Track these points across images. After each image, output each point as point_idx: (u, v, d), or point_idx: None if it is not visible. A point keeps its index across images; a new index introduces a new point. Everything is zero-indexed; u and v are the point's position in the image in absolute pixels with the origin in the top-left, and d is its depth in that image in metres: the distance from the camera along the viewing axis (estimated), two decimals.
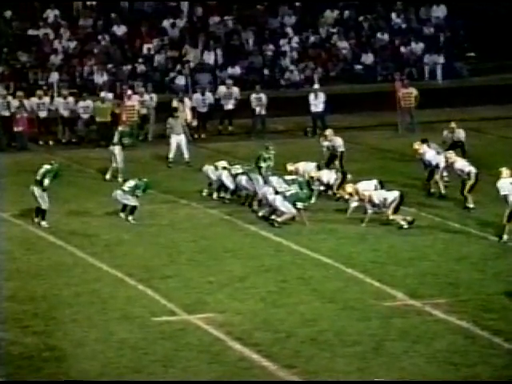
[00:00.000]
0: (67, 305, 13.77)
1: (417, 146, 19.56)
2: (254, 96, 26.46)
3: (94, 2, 31.06)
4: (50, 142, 25.67)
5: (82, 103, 25.84)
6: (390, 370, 11.54)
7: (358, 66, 30.80)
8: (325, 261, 15.55)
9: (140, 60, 29.72)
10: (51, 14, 30.55)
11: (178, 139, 22.71)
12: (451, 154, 18.74)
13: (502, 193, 16.10)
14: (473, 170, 18.15)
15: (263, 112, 26.33)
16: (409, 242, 16.50)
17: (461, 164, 18.33)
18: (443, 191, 19.06)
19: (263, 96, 26.47)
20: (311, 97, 26.23)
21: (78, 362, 11.90)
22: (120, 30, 30.58)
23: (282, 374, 11.56)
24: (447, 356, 11.88)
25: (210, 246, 16.45)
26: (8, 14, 30.26)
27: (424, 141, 19.76)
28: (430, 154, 19.30)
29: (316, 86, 27.07)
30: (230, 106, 26.72)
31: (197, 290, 14.32)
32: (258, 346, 12.20)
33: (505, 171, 16.26)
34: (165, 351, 12.15)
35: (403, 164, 21.88)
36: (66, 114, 25.80)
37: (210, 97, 26.76)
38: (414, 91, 26.23)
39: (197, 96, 26.82)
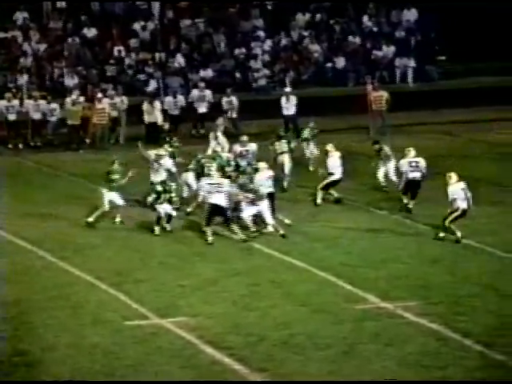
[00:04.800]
0: (38, 309, 13.71)
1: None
2: (225, 99, 26.52)
3: (63, 4, 30.90)
4: (20, 145, 25.52)
5: (49, 106, 25.72)
6: (362, 373, 11.61)
7: (330, 69, 30.94)
8: (297, 264, 15.61)
9: (111, 62, 29.63)
10: (20, 16, 30.37)
11: None
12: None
13: (452, 197, 16.36)
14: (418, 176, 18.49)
15: (235, 115, 26.41)
16: (381, 244, 16.62)
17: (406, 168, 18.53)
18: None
19: (234, 99, 26.54)
20: (283, 100, 26.33)
21: (48, 367, 11.85)
22: (90, 32, 30.47)
23: (255, 378, 11.60)
24: (419, 358, 11.97)
25: (182, 250, 16.46)
26: None
27: (375, 142, 19.97)
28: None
29: (288, 89, 27.19)
30: (203, 109, 26.76)
31: (169, 293, 14.32)
32: (230, 350, 12.22)
33: (454, 176, 16.55)
34: (137, 355, 12.14)
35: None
36: (36, 116, 25.67)
37: (181, 100, 26.79)
38: (384, 94, 26.41)
39: (168, 99, 26.83)
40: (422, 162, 18.55)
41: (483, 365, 11.78)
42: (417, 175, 18.40)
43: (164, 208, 17.10)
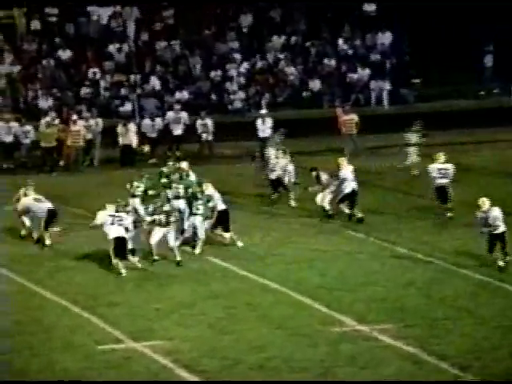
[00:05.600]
0: (7, 333, 13.50)
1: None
2: (199, 122, 26.50)
3: (38, 26, 30.82)
4: None
5: (23, 128, 25.54)
6: None
7: (306, 92, 31.05)
8: (273, 286, 15.54)
9: (86, 84, 29.54)
10: None
11: None
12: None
13: (493, 222, 16.01)
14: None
15: (210, 138, 26.38)
16: (357, 267, 16.59)
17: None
18: (347, 211, 19.15)
19: (209, 122, 26.51)
20: (259, 122, 26.34)
21: None
22: (65, 54, 30.39)
23: None
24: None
25: (157, 272, 16.33)
26: None
27: (312, 169, 19.87)
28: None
29: (263, 111, 27.20)
30: (178, 131, 26.70)
31: (143, 317, 14.18)
32: (206, 373, 12.11)
33: (487, 202, 16.21)
34: (111, 380, 11.96)
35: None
36: (8, 139, 25.47)
37: (159, 122, 26.72)
38: (355, 117, 26.55)
39: (146, 121, 26.75)
40: (451, 169, 18.89)
41: None
42: (444, 181, 18.78)
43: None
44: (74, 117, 25.86)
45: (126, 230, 16.45)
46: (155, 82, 30.06)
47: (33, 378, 12.04)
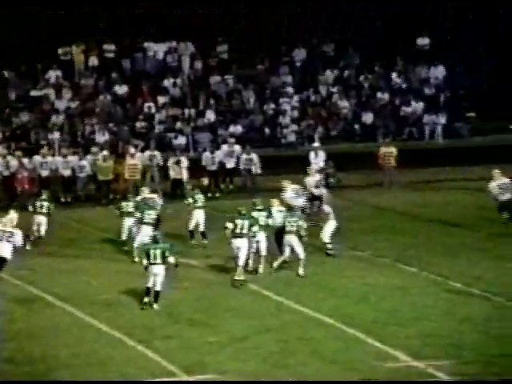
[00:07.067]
0: (65, 366, 13.64)
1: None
2: (244, 156, 26.60)
3: (95, 63, 31.42)
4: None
5: (79, 162, 25.94)
6: None
7: (358, 125, 31.05)
8: (326, 320, 15.46)
9: (141, 117, 29.97)
10: (53, 74, 30.89)
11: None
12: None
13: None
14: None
15: (259, 171, 26.42)
16: (411, 302, 16.42)
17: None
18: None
19: (254, 156, 26.58)
20: (311, 155, 26.40)
21: None
22: (121, 89, 30.90)
23: None
24: None
25: (211, 306, 16.38)
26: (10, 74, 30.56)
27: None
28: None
29: (316, 144, 27.26)
30: (231, 164, 26.87)
31: (197, 350, 14.21)
32: None
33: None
34: None
35: (408, 223, 21.94)
36: (66, 173, 25.89)
37: (219, 155, 26.87)
38: (394, 150, 26.56)
39: (206, 154, 26.96)
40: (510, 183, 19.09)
41: None
42: (508, 196, 18.98)
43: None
44: (132, 150, 26.21)
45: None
46: (209, 116, 30.37)
47: None
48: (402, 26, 32.31)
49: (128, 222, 19.71)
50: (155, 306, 16.05)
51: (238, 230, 17.51)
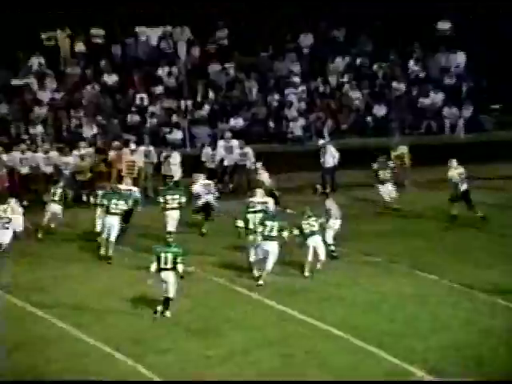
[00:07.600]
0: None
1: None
2: (238, 151, 26.73)
3: (82, 49, 31.49)
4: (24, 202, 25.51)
5: (63, 159, 26.08)
6: None
7: (371, 118, 31.13)
8: (334, 332, 15.59)
9: (133, 110, 30.08)
10: (36, 62, 30.99)
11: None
12: None
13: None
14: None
15: (252, 167, 26.51)
16: (428, 311, 16.55)
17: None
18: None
19: (249, 150, 26.68)
20: (321, 151, 26.56)
21: None
22: (111, 78, 31.02)
23: None
24: None
25: (208, 315, 16.52)
26: None
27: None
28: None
29: (326, 139, 27.42)
30: (230, 161, 27.00)
31: (194, 364, 14.34)
32: None
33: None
34: None
35: (423, 225, 22.08)
36: (48, 170, 25.99)
37: (221, 153, 27.01)
38: (404, 150, 26.78)
39: (207, 150, 27.10)
40: None
41: None
42: (465, 186, 20.17)
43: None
44: (133, 146, 26.38)
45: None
46: (208, 108, 30.45)
47: None
48: (421, 8, 32.35)
49: (100, 212, 20.64)
50: (167, 313, 16.31)
51: (266, 233, 17.95)
